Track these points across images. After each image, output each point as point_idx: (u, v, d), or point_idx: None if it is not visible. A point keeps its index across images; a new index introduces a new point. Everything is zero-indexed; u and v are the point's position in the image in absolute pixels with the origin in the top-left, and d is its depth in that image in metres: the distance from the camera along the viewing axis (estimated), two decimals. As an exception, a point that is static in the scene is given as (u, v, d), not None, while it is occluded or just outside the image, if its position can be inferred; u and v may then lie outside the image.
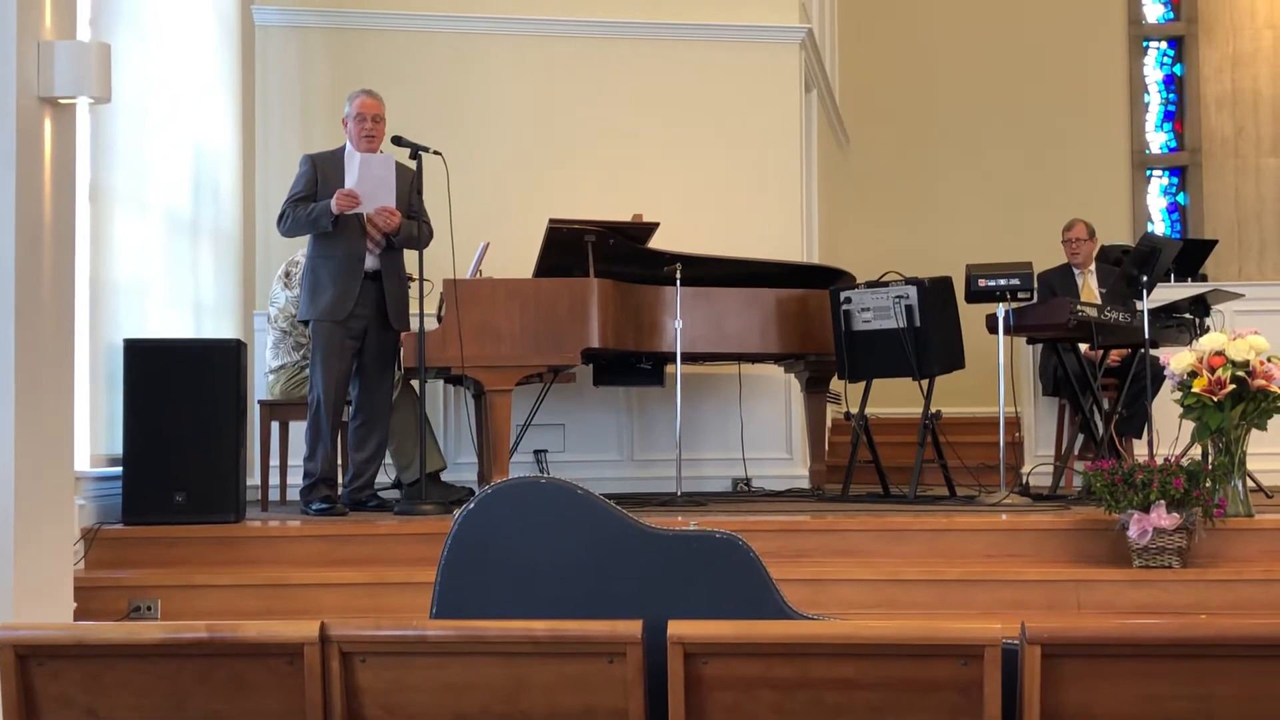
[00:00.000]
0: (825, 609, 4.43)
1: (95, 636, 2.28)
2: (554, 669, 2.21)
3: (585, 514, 2.43)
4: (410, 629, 2.25)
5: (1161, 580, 4.80)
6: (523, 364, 5.83)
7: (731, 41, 7.73)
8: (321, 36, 7.51)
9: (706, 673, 2.21)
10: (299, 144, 6.97)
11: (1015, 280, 6.01)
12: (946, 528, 5.25)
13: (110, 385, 5.50)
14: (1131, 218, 11.08)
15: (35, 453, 4.04)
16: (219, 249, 6.86)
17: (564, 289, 5.87)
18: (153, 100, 6.09)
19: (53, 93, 4.11)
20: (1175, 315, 6.41)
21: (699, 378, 7.33)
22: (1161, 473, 4.83)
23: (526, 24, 7.62)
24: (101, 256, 5.53)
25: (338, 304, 5.68)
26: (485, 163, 7.30)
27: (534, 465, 7.05)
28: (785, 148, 7.77)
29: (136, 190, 5.92)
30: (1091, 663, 2.21)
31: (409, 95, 7.14)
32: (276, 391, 6.31)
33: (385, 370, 5.88)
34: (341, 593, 4.88)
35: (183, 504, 5.30)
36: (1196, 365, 5.14)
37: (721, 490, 7.17)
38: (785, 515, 5.64)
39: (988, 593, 4.85)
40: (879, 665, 2.21)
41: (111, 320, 5.62)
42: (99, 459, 5.43)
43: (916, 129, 10.85)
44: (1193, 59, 11.27)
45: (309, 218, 5.67)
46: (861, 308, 6.28)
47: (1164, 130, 11.41)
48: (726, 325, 6.38)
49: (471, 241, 6.23)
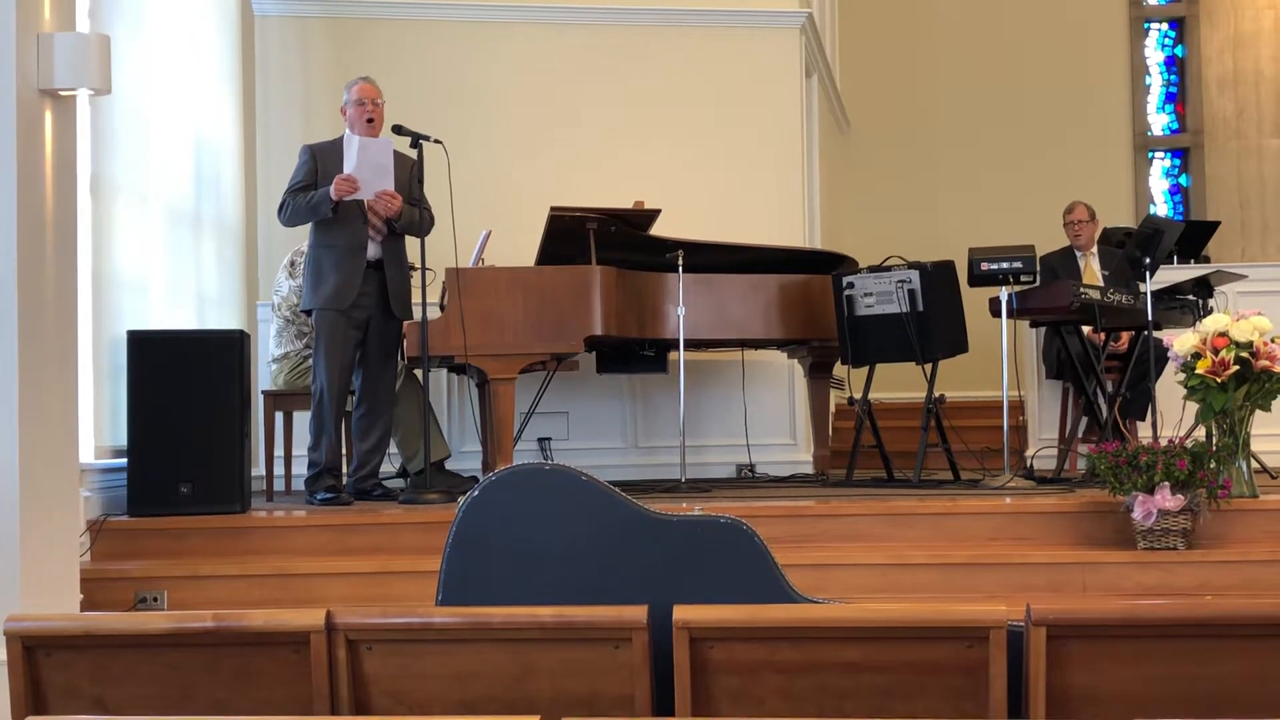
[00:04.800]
0: (830, 593, 4.44)
1: (102, 627, 2.28)
2: (560, 655, 2.22)
3: (589, 500, 2.43)
4: (416, 616, 2.26)
5: (1166, 562, 4.81)
6: (526, 352, 5.83)
7: (732, 27, 7.72)
8: (321, 26, 7.51)
9: (712, 657, 2.21)
10: (300, 134, 6.96)
11: (1017, 263, 6.00)
12: (951, 511, 5.25)
13: (114, 377, 5.50)
14: (1134, 200, 11.05)
15: (40, 446, 4.04)
16: (221, 240, 6.85)
17: (566, 277, 5.87)
18: (153, 92, 6.09)
19: (53, 85, 4.10)
20: (1178, 297, 6.40)
21: (702, 364, 7.33)
22: (1166, 454, 4.83)
23: (526, 11, 7.61)
24: (104, 249, 5.52)
25: (340, 293, 5.69)
26: (486, 151, 7.30)
27: (538, 453, 7.05)
28: (786, 133, 7.76)
29: (138, 182, 5.91)
30: (1097, 644, 2.21)
31: (409, 84, 7.13)
32: (280, 381, 6.32)
33: (388, 359, 5.88)
34: (348, 582, 4.89)
35: (188, 495, 5.31)
36: (1200, 347, 5.14)
37: (726, 476, 7.18)
38: (789, 500, 5.64)
39: (993, 576, 4.85)
40: (884, 648, 2.21)
41: (115, 312, 5.62)
42: (104, 451, 5.43)
43: (918, 113, 10.82)
44: (1194, 40, 11.24)
45: (308, 205, 5.67)
46: (864, 292, 6.27)
47: (1165, 112, 11.37)
48: (729, 311, 6.38)
49: (473, 230, 6.23)
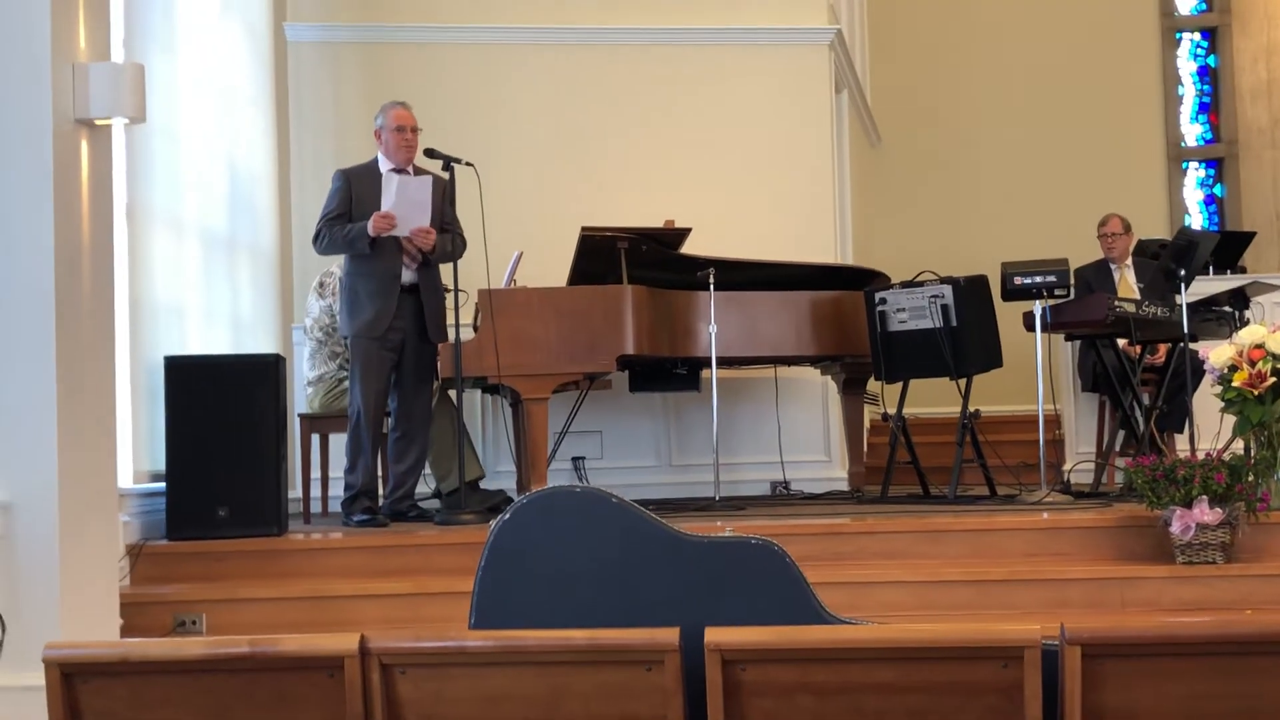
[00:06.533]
0: (866, 612, 4.42)
1: (139, 653, 2.30)
2: (592, 678, 2.22)
3: (620, 522, 2.44)
4: (449, 640, 2.27)
5: (1205, 576, 4.76)
6: (558, 372, 5.84)
7: (760, 45, 7.72)
8: (353, 51, 7.56)
9: (745, 679, 2.21)
10: (333, 158, 7.00)
11: (1051, 277, 5.97)
12: (987, 528, 5.22)
13: (152, 402, 5.55)
14: (1169, 211, 10.98)
15: (79, 471, 4.08)
16: (256, 264, 6.91)
17: (598, 296, 5.88)
18: (187, 119, 6.15)
19: (88, 115, 4.16)
20: (1214, 309, 6.35)
21: (735, 382, 7.32)
22: (1203, 468, 4.80)
23: (555, 34, 7.63)
24: (140, 275, 5.58)
25: (376, 321, 5.72)
26: (517, 172, 7.33)
27: (572, 472, 7.05)
28: (816, 149, 7.76)
29: (173, 208, 5.97)
30: (1133, 662, 2.19)
31: (441, 107, 7.17)
32: (316, 404, 6.35)
33: (424, 382, 5.91)
34: (384, 603, 4.91)
35: (226, 518, 5.34)
36: (1236, 359, 5.10)
37: (760, 494, 7.16)
38: (825, 518, 5.62)
39: (1030, 592, 4.82)
40: (918, 669, 2.20)
41: (152, 338, 5.67)
42: (142, 475, 5.47)
43: (949, 126, 10.79)
44: (1226, 50, 11.16)
45: (345, 238, 5.70)
46: (897, 308, 6.25)
47: (1199, 122, 11.30)
48: (761, 329, 6.38)
49: (505, 251, 6.25)
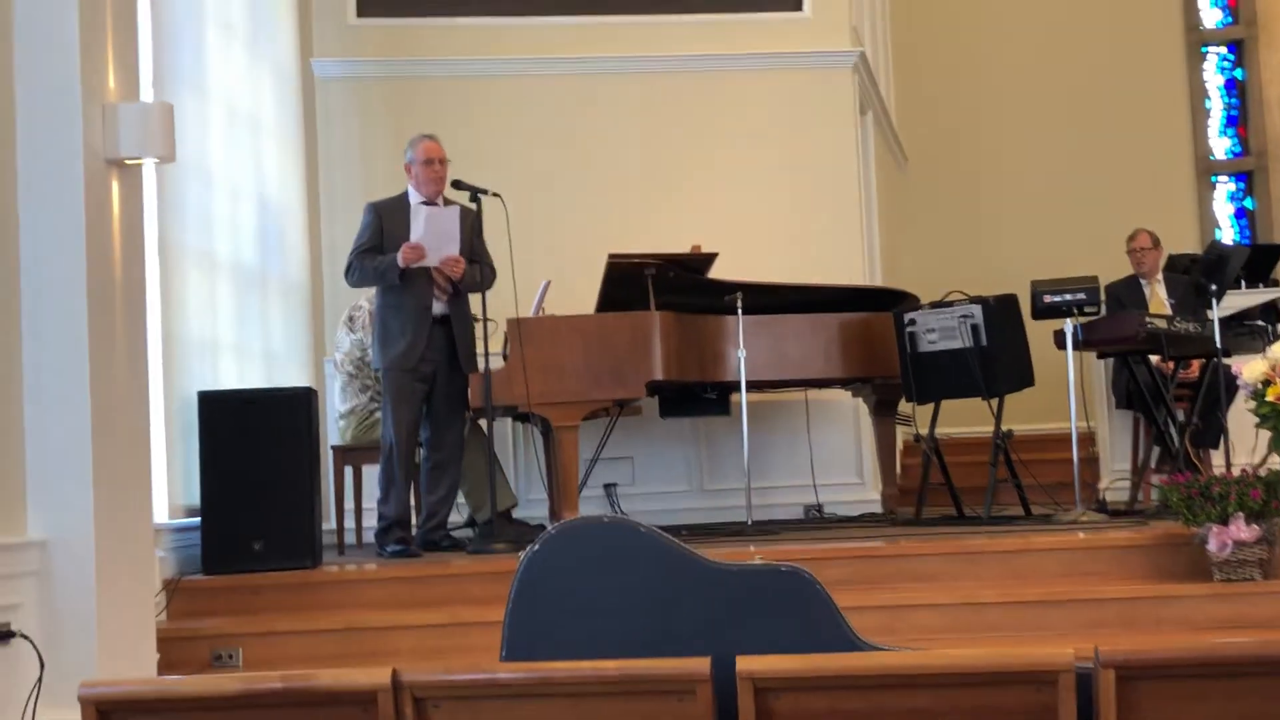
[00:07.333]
0: (901, 636, 4.40)
1: (174, 691, 2.32)
2: (624, 708, 2.22)
3: (649, 551, 2.44)
4: (481, 672, 2.27)
5: (1244, 593, 4.73)
6: (588, 399, 5.86)
7: (783, 70, 7.74)
8: (380, 86, 7.63)
9: (778, 707, 2.20)
10: (362, 192, 7.05)
11: (1081, 294, 5.95)
12: (1023, 549, 5.20)
13: (186, 437, 5.59)
14: (1199, 225, 10.91)
15: (114, 507, 4.11)
16: (287, 298, 6.96)
17: (626, 323, 5.90)
18: (217, 156, 6.21)
19: (119, 154, 4.20)
20: (1247, 323, 6.32)
21: (765, 405, 7.31)
22: (1239, 484, 4.76)
23: (578, 64, 7.68)
24: (173, 311, 5.63)
25: (408, 352, 5.75)
26: (545, 201, 7.36)
27: (604, 500, 7.06)
28: (842, 171, 7.76)
29: (204, 245, 6.03)
30: (1168, 684, 2.18)
31: (467, 139, 7.20)
32: (348, 436, 6.38)
33: (455, 412, 5.93)
34: (418, 634, 4.92)
35: (261, 552, 5.36)
36: (1269, 373, 5.06)
37: (793, 518, 7.14)
38: (858, 542, 5.60)
39: (1065, 613, 4.79)
40: (952, 695, 2.19)
41: (185, 373, 5.72)
42: (177, 510, 5.51)
43: (975, 145, 10.77)
44: (1253, 62, 11.10)
45: (376, 271, 5.74)
46: (927, 329, 6.24)
47: (1228, 135, 11.24)
48: (790, 352, 6.38)
49: (533, 280, 6.28)
